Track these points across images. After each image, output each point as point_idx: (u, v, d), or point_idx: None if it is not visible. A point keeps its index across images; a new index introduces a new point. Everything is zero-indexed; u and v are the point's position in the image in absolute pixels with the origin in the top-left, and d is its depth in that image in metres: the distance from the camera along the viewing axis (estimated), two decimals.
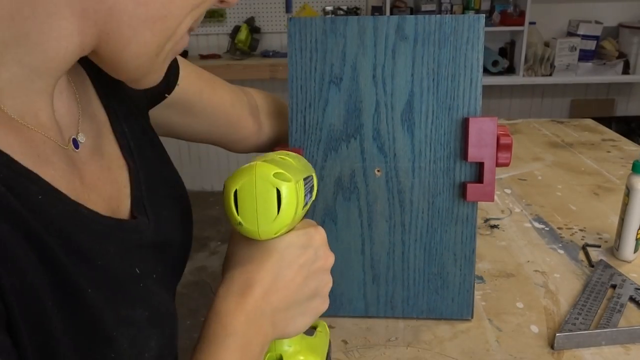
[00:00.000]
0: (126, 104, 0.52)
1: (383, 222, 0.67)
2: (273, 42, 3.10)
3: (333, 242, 0.67)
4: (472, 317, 0.70)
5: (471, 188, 0.64)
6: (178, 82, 0.61)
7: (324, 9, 3.03)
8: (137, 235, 0.46)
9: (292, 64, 0.64)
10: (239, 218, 0.40)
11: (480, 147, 0.63)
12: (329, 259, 0.48)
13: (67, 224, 0.38)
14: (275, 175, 0.40)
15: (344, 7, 3.03)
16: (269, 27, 3.07)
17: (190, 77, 0.63)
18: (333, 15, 2.78)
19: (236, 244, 0.45)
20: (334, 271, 0.69)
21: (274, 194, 0.40)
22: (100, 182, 0.45)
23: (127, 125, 0.51)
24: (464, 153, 0.64)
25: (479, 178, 0.65)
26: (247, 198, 0.40)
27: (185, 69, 0.63)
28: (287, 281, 0.43)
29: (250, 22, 2.97)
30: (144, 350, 0.42)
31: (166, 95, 0.61)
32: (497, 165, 0.63)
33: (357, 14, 3.03)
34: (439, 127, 0.64)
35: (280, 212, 0.40)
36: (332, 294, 0.68)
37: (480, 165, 0.64)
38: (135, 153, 0.50)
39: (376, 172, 0.66)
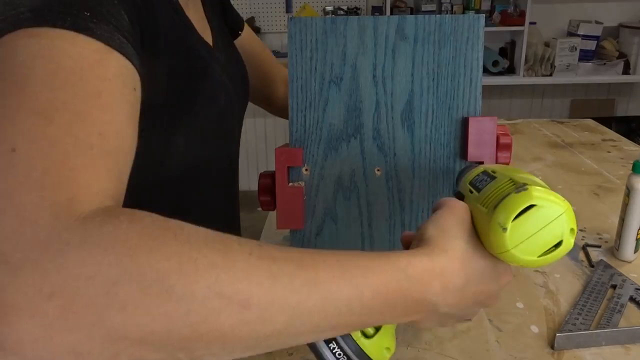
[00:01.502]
0: (222, 20, 0.78)
1: (383, 221, 0.67)
2: (273, 42, 3.10)
3: (333, 242, 0.67)
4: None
5: None
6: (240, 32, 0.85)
7: (324, 9, 3.04)
8: (217, 62, 0.66)
9: (293, 63, 0.64)
10: (508, 224, 0.38)
11: (480, 146, 0.63)
12: (496, 302, 0.46)
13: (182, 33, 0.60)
14: (571, 231, 0.38)
15: (344, 7, 3.03)
16: (269, 27, 3.07)
17: (248, 30, 0.88)
18: (333, 15, 2.78)
19: (463, 222, 0.44)
20: None
21: (555, 242, 0.38)
22: (201, 23, 0.66)
23: (217, 24, 0.73)
24: (463, 152, 0.64)
25: None
26: (534, 222, 0.38)
27: (246, 27, 0.87)
28: (464, 295, 0.42)
29: (250, 22, 2.97)
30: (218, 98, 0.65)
31: (239, 32, 0.84)
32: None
33: (357, 14, 3.03)
34: (439, 127, 0.64)
35: (540, 257, 0.39)
36: None
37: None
38: (215, 29, 0.71)
39: (376, 171, 0.66)
